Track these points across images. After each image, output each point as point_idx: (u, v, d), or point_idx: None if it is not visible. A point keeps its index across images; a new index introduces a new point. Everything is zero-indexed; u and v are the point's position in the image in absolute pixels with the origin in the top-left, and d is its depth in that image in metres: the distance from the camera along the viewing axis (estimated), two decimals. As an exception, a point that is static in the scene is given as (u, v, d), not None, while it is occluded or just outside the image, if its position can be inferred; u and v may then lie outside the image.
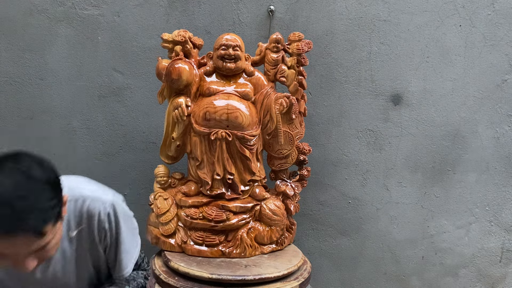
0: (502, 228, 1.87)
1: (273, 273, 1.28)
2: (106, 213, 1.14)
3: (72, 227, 1.10)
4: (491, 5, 1.72)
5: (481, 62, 1.75)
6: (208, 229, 1.39)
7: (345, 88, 1.76)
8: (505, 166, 1.83)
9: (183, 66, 1.37)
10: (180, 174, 1.50)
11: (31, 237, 0.84)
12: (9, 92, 1.74)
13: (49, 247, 0.91)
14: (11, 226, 0.81)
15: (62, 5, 1.70)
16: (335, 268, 1.89)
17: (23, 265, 0.87)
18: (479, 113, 1.79)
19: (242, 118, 1.37)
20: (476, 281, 1.91)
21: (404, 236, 1.86)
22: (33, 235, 0.84)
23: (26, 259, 0.87)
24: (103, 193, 1.17)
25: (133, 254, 1.30)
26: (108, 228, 1.16)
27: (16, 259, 0.86)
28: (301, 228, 1.82)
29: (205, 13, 1.71)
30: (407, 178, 1.82)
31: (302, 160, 1.53)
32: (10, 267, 0.89)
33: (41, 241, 0.87)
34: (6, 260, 0.86)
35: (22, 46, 1.72)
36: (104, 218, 1.14)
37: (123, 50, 1.73)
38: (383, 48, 1.73)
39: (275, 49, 1.44)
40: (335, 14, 1.71)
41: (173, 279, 1.28)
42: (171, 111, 1.42)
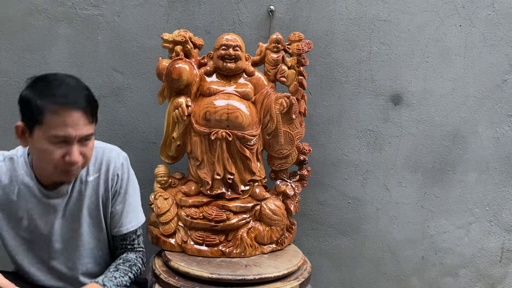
0: (502, 228, 1.87)
1: (273, 273, 1.28)
2: (121, 162, 1.25)
3: (91, 172, 1.22)
4: (491, 5, 1.72)
5: (481, 62, 1.75)
6: (208, 229, 1.39)
7: (345, 88, 1.76)
8: (505, 166, 1.83)
9: (183, 66, 1.37)
10: (180, 174, 1.50)
11: (86, 115, 1.06)
12: (9, 92, 1.74)
13: (89, 145, 1.10)
14: (81, 101, 1.06)
15: (62, 5, 1.70)
16: (335, 268, 1.89)
17: (72, 152, 1.05)
18: (479, 113, 1.79)
19: (242, 118, 1.37)
20: (476, 281, 1.91)
21: (404, 236, 1.86)
22: (87, 115, 1.06)
23: (74, 146, 1.05)
24: (117, 148, 1.30)
25: (138, 212, 1.30)
26: (121, 176, 1.25)
27: (70, 138, 1.04)
28: (301, 228, 1.82)
29: (205, 13, 1.72)
30: (407, 178, 1.82)
31: (302, 160, 1.53)
32: (60, 158, 1.05)
33: (89, 127, 1.07)
34: (64, 140, 1.04)
35: (22, 46, 1.72)
36: (119, 167, 1.25)
37: (123, 50, 1.73)
38: (383, 48, 1.73)
39: (275, 49, 1.44)
40: (335, 14, 1.71)
41: (173, 279, 1.28)
42: (171, 111, 1.42)
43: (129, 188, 1.28)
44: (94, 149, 1.21)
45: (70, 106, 1.03)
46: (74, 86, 1.09)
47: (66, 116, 1.03)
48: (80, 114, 1.05)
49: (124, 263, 1.23)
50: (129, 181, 1.28)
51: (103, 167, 1.23)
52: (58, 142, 1.04)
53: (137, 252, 1.29)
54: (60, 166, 1.06)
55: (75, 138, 1.05)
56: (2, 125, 1.77)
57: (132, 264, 1.24)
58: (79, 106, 1.05)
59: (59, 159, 1.05)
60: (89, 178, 1.22)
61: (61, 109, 1.02)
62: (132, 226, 1.27)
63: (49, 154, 1.05)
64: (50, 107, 1.02)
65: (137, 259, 1.27)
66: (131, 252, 1.28)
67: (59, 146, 1.05)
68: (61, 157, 1.05)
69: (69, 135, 1.04)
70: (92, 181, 1.22)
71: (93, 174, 1.22)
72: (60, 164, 1.06)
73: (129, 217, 1.26)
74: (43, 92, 1.04)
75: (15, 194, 1.16)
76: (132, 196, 1.28)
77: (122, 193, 1.26)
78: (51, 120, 1.02)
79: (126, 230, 1.26)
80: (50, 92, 1.04)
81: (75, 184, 1.20)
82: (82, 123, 1.05)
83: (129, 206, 1.27)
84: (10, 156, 1.20)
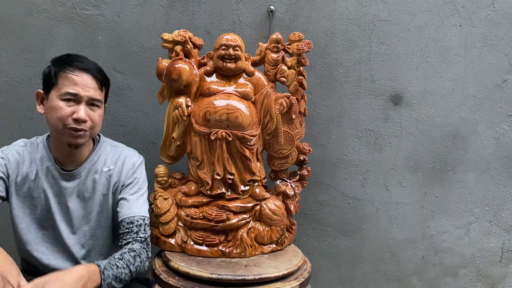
0: (502, 228, 1.87)
1: (273, 273, 1.28)
2: (137, 161, 1.39)
3: (107, 164, 1.34)
4: (491, 5, 1.72)
5: (481, 62, 1.75)
6: (208, 229, 1.39)
7: (345, 88, 1.76)
8: (505, 166, 1.83)
9: (183, 66, 1.37)
10: (180, 174, 1.50)
11: (96, 80, 1.24)
12: (9, 92, 1.74)
13: (97, 111, 1.25)
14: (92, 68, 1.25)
15: (62, 5, 1.70)
16: (335, 268, 1.89)
17: (79, 110, 1.20)
18: (479, 113, 1.79)
19: (242, 118, 1.37)
20: (476, 281, 1.91)
21: (404, 236, 1.86)
22: (96, 80, 1.24)
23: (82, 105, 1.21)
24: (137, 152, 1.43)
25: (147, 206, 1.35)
26: (135, 171, 1.36)
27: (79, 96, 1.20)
28: (301, 228, 1.82)
29: (205, 13, 1.72)
30: (407, 178, 1.82)
31: (302, 160, 1.53)
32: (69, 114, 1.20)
33: (97, 93, 1.24)
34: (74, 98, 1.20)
35: (22, 46, 1.72)
36: (134, 163, 1.37)
37: (123, 50, 1.73)
38: (383, 48, 1.73)
39: (275, 49, 1.44)
40: (335, 14, 1.71)
41: (173, 279, 1.28)
42: (171, 111, 1.42)
43: (142, 183, 1.38)
44: (114, 147, 1.38)
45: (81, 69, 1.22)
46: (88, 59, 1.27)
47: (77, 77, 1.21)
48: (90, 77, 1.23)
49: (129, 252, 1.23)
50: (143, 179, 1.38)
51: (119, 161, 1.36)
52: (68, 100, 1.20)
53: (142, 243, 1.29)
54: (68, 123, 1.20)
55: (84, 97, 1.21)
56: (2, 125, 1.77)
57: (137, 255, 1.24)
58: (89, 71, 1.23)
59: (68, 116, 1.20)
60: (104, 168, 1.33)
61: (73, 71, 1.21)
62: (141, 212, 1.31)
63: (60, 110, 1.20)
64: (64, 70, 1.21)
65: (141, 250, 1.26)
66: (137, 242, 1.28)
67: (69, 105, 1.20)
68: (69, 113, 1.20)
69: (78, 93, 1.20)
70: (106, 171, 1.33)
71: (109, 166, 1.34)
72: (69, 121, 1.20)
73: (140, 203, 1.33)
74: (60, 61, 1.24)
75: (34, 174, 1.28)
76: (145, 191, 1.37)
77: (135, 184, 1.35)
78: (64, 80, 1.20)
79: (136, 214, 1.30)
80: (67, 60, 1.24)
81: (90, 171, 1.32)
82: (91, 86, 1.22)
83: (142, 197, 1.35)
84: (31, 142, 1.34)
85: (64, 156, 1.30)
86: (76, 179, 1.31)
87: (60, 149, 1.29)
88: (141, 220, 1.30)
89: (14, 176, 1.27)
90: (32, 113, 1.76)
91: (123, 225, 1.30)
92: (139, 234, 1.28)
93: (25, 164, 1.28)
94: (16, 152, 1.29)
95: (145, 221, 1.31)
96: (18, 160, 1.28)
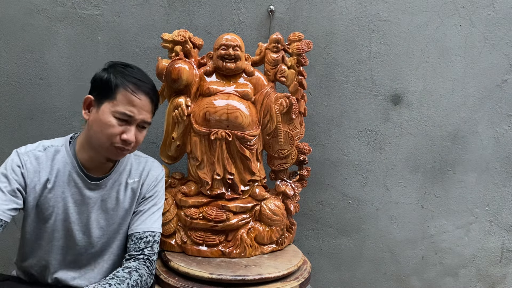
0: (502, 228, 1.87)
1: (273, 273, 1.28)
2: (160, 173, 1.36)
3: (132, 176, 1.30)
4: (491, 5, 1.72)
5: (481, 62, 1.75)
6: (208, 229, 1.39)
7: (345, 88, 1.76)
8: (505, 166, 1.82)
9: (183, 66, 1.37)
10: (180, 174, 1.50)
11: (152, 103, 1.22)
12: (9, 92, 1.74)
13: (143, 132, 1.22)
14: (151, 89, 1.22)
15: (62, 5, 1.70)
16: (335, 268, 1.89)
17: (130, 131, 1.17)
18: (479, 113, 1.79)
19: (242, 118, 1.37)
20: (476, 281, 1.91)
21: (404, 236, 1.86)
22: (152, 103, 1.22)
23: (133, 126, 1.18)
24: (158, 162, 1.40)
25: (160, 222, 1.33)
26: (157, 184, 1.34)
27: (133, 118, 1.17)
28: (301, 228, 1.82)
29: (205, 13, 1.71)
30: (407, 178, 1.82)
31: (302, 160, 1.53)
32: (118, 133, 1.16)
33: (150, 116, 1.22)
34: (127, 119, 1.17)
35: (22, 46, 1.72)
36: (158, 176, 1.35)
37: (123, 50, 1.73)
38: (383, 48, 1.73)
39: (275, 49, 1.44)
40: (335, 14, 1.71)
41: (173, 279, 1.28)
42: (171, 111, 1.42)
43: (161, 198, 1.35)
44: (138, 157, 1.35)
45: (142, 90, 1.18)
46: (146, 76, 1.24)
47: (137, 98, 1.17)
48: (148, 100, 1.20)
49: (124, 269, 1.17)
50: (162, 192, 1.36)
51: (144, 172, 1.32)
52: (121, 118, 1.16)
53: (145, 261, 1.22)
54: (116, 142, 1.16)
55: (137, 120, 1.18)
56: (2, 125, 1.77)
57: (133, 270, 1.17)
58: (149, 93, 1.20)
59: (117, 135, 1.16)
60: (129, 180, 1.29)
61: (135, 90, 1.17)
62: (153, 228, 1.28)
63: (111, 127, 1.15)
64: (126, 86, 1.16)
65: (140, 266, 1.19)
66: (136, 261, 1.22)
67: (120, 124, 1.16)
68: (119, 133, 1.16)
69: (133, 115, 1.17)
70: (131, 183, 1.29)
71: (134, 178, 1.30)
72: (117, 140, 1.16)
73: (154, 218, 1.30)
74: (122, 73, 1.18)
75: (52, 182, 1.21)
76: (161, 206, 1.35)
77: (154, 198, 1.32)
78: (123, 97, 1.16)
79: (147, 230, 1.26)
80: (129, 74, 1.19)
81: (116, 182, 1.27)
82: (146, 109, 1.20)
83: (157, 212, 1.32)
84: (51, 146, 1.24)
85: (93, 164, 1.23)
86: (101, 189, 1.25)
87: (93, 157, 1.22)
88: (150, 237, 1.26)
89: (32, 185, 1.18)
90: (32, 113, 1.76)
91: (132, 239, 1.26)
92: (144, 251, 1.24)
93: (44, 172, 1.19)
94: (35, 159, 1.19)
95: (154, 238, 1.27)
96: (36, 168, 1.19)
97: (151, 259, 1.24)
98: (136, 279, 1.15)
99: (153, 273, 1.24)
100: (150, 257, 1.24)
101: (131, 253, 1.24)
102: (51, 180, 1.20)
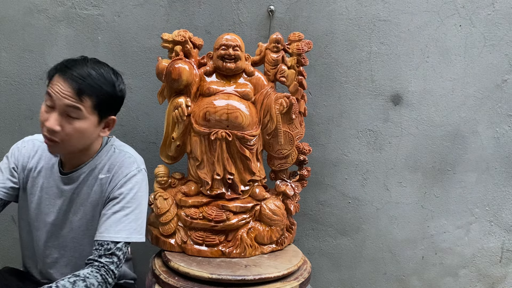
0: (502, 228, 1.87)
1: (273, 273, 1.28)
2: (133, 171, 1.26)
3: (104, 171, 1.26)
4: (491, 5, 1.72)
5: (481, 62, 1.75)
6: (208, 229, 1.39)
7: (345, 88, 1.76)
8: (505, 166, 1.82)
9: (183, 66, 1.37)
10: (180, 174, 1.50)
11: (74, 90, 1.11)
12: (9, 92, 1.74)
13: (74, 123, 1.13)
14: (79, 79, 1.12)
15: (62, 5, 1.70)
16: (335, 268, 1.89)
17: (50, 117, 1.11)
18: (479, 113, 1.79)
19: (242, 118, 1.37)
20: (476, 281, 1.91)
21: (404, 236, 1.86)
22: (75, 90, 1.11)
23: (54, 113, 1.12)
24: (141, 161, 1.31)
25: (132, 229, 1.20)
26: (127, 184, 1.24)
27: (53, 102, 1.11)
28: (301, 228, 1.82)
29: (205, 13, 1.72)
30: (407, 178, 1.82)
31: (302, 160, 1.53)
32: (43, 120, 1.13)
33: (73, 102, 1.11)
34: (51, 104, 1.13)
35: (22, 46, 1.72)
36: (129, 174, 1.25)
37: (123, 50, 1.73)
38: (383, 48, 1.73)
39: (275, 49, 1.44)
40: (335, 14, 1.71)
41: (173, 279, 1.28)
42: (171, 111, 1.42)
43: (130, 200, 1.22)
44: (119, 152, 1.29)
45: (63, 74, 1.12)
46: (85, 66, 1.15)
47: (57, 82, 1.12)
48: (67, 84, 1.11)
49: (70, 277, 1.08)
50: (132, 194, 1.22)
51: (115, 168, 1.26)
52: (48, 105, 1.13)
53: (99, 269, 1.12)
54: (43, 131, 1.15)
55: (57, 104, 1.11)
56: (2, 125, 1.77)
57: (79, 280, 1.07)
58: (70, 77, 1.11)
59: (42, 122, 1.14)
60: (100, 175, 1.26)
61: (56, 74, 1.13)
62: (117, 237, 1.16)
63: (40, 115, 1.15)
64: (52, 75, 1.14)
65: (90, 274, 1.09)
66: (89, 267, 1.12)
67: (47, 111, 1.13)
68: (43, 120, 1.14)
69: (52, 97, 1.12)
70: (101, 179, 1.26)
71: (105, 174, 1.26)
72: (44, 130, 1.14)
73: (120, 226, 1.18)
74: (56, 65, 1.17)
75: (37, 171, 1.27)
76: (131, 210, 1.21)
77: (120, 201, 1.21)
78: (49, 83, 1.14)
79: (109, 238, 1.16)
80: (60, 63, 1.16)
81: (88, 176, 1.26)
82: (66, 93, 1.11)
83: (126, 217, 1.19)
84: None
85: (64, 158, 1.27)
86: (73, 183, 1.25)
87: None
88: (111, 244, 1.15)
89: (21, 168, 1.27)
90: (32, 113, 1.76)
91: (95, 244, 1.17)
92: (101, 258, 1.14)
93: (34, 158, 1.28)
94: (32, 146, 1.30)
95: (117, 246, 1.15)
96: (30, 154, 1.28)
97: (107, 267, 1.13)
98: None
99: (109, 282, 1.13)
100: (107, 265, 1.13)
101: (90, 257, 1.16)
102: (37, 168, 1.27)
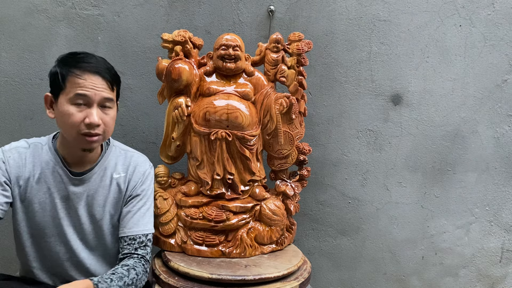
0: (502, 228, 1.87)
1: (273, 273, 1.28)
2: (148, 169, 1.35)
3: (118, 170, 1.30)
4: (491, 5, 1.72)
5: (481, 62, 1.75)
6: (208, 229, 1.39)
7: (345, 88, 1.76)
8: (505, 166, 1.83)
9: (183, 66, 1.37)
10: (180, 174, 1.50)
11: (105, 80, 1.17)
12: (9, 92, 1.74)
13: (110, 113, 1.19)
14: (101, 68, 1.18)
15: (62, 5, 1.70)
16: (335, 268, 1.89)
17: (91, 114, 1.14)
18: (479, 113, 1.79)
19: (242, 118, 1.37)
20: (476, 281, 1.91)
21: (404, 236, 1.86)
22: (106, 80, 1.17)
23: (94, 108, 1.15)
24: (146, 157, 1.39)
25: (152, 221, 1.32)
26: (145, 181, 1.32)
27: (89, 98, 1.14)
28: (301, 228, 1.82)
29: (205, 13, 1.71)
30: (407, 178, 1.82)
31: (302, 160, 1.53)
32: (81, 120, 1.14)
33: (109, 92, 1.18)
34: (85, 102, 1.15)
35: (22, 46, 1.72)
36: (145, 174, 1.33)
37: (123, 50, 1.73)
38: (383, 48, 1.73)
39: (275, 49, 1.44)
40: (335, 14, 1.71)
41: (173, 279, 1.28)
42: (171, 111, 1.42)
43: (150, 196, 1.34)
44: (125, 152, 1.34)
45: (88, 70, 1.15)
46: (97, 58, 1.20)
47: (83, 79, 1.14)
48: (99, 78, 1.16)
49: (122, 266, 1.19)
50: (151, 190, 1.34)
51: (130, 168, 1.31)
52: (79, 104, 1.14)
53: (140, 259, 1.24)
54: (81, 129, 1.15)
55: (94, 99, 1.15)
56: (2, 125, 1.77)
57: (131, 268, 1.19)
58: (98, 71, 1.16)
59: (81, 122, 1.14)
60: (115, 175, 1.29)
61: (79, 73, 1.14)
62: (146, 230, 1.28)
63: (72, 116, 1.14)
64: (71, 72, 1.14)
65: (137, 264, 1.21)
66: (132, 259, 1.23)
67: (80, 110, 1.14)
68: (81, 119, 1.14)
69: (86, 94, 1.14)
70: (117, 178, 1.29)
71: (120, 173, 1.30)
72: (81, 127, 1.14)
73: (146, 219, 1.29)
74: (67, 62, 1.16)
75: (36, 178, 1.22)
76: (151, 204, 1.34)
77: (143, 197, 1.31)
78: (72, 83, 1.14)
79: (140, 232, 1.26)
80: (73, 60, 1.16)
81: (100, 176, 1.27)
82: (101, 87, 1.16)
83: (148, 210, 1.31)
84: (35, 143, 1.26)
85: (74, 158, 1.24)
86: (85, 184, 1.25)
87: (71, 151, 1.23)
88: (143, 237, 1.27)
89: (15, 180, 1.20)
90: (32, 113, 1.76)
91: (125, 240, 1.26)
92: (138, 250, 1.25)
93: (27, 167, 1.21)
94: (18, 155, 1.22)
95: (147, 237, 1.28)
96: (19, 164, 1.21)
97: (146, 257, 1.25)
98: (133, 278, 1.17)
99: (147, 271, 1.24)
100: (145, 256, 1.25)
101: (124, 252, 1.25)
102: (36, 175, 1.22)
